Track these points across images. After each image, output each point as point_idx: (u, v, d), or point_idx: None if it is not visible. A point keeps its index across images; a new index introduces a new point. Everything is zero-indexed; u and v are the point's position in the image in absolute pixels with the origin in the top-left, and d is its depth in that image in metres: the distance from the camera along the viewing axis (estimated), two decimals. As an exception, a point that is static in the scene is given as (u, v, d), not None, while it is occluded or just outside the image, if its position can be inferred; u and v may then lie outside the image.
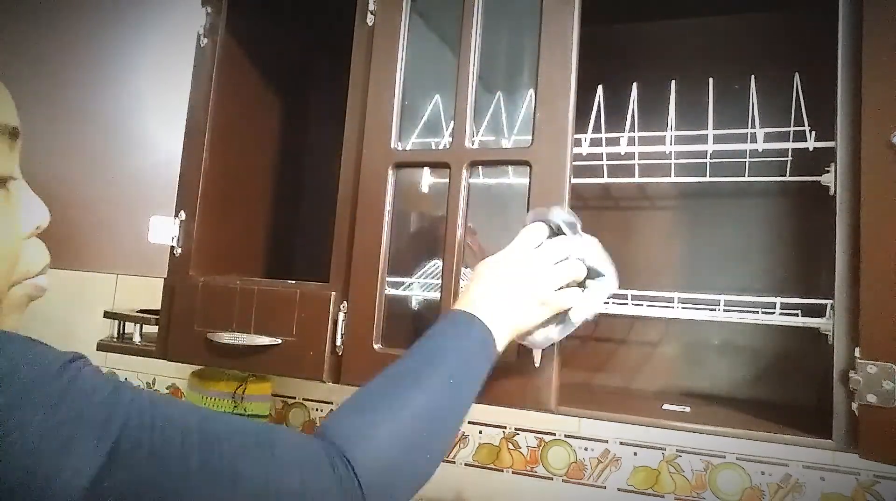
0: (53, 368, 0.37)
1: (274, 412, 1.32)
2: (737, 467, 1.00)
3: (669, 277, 1.02)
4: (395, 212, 0.87)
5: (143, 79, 1.60)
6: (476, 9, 0.84)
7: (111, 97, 1.61)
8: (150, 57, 1.60)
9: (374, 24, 0.89)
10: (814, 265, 0.94)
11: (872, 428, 0.64)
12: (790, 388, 0.94)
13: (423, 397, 0.56)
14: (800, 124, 0.82)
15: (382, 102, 0.87)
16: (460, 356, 0.61)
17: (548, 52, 0.78)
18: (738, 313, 0.82)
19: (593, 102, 0.91)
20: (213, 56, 1.02)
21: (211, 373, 1.18)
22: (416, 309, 1.01)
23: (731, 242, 0.99)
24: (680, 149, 0.87)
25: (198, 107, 1.02)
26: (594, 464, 1.08)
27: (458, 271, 0.80)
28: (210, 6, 1.04)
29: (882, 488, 0.93)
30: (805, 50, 0.95)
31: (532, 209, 0.75)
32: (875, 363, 0.64)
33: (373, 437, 0.52)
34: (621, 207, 1.06)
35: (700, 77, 0.92)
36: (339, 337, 0.86)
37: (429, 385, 0.57)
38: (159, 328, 1.00)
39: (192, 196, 1.01)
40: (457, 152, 0.83)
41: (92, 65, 1.65)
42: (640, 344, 1.03)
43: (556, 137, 0.77)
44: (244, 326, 0.91)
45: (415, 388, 0.56)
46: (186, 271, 0.99)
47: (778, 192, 0.97)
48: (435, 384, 0.57)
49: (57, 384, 0.37)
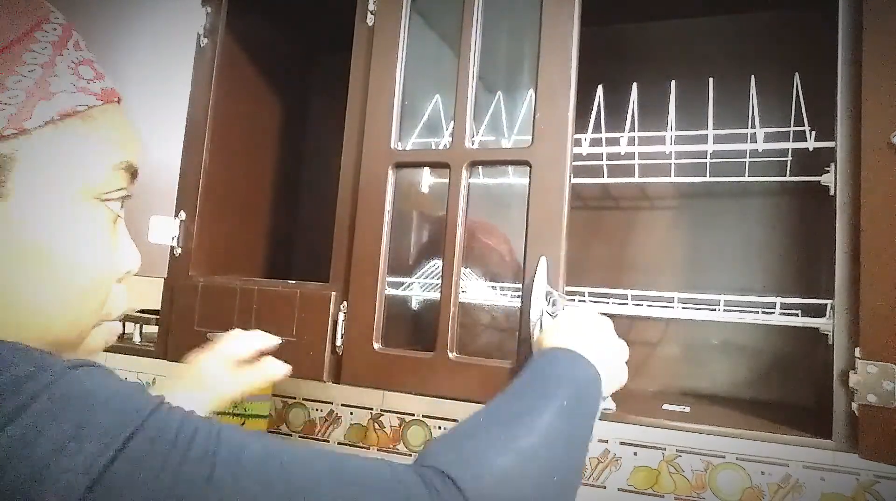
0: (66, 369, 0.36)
1: (274, 412, 1.33)
2: (737, 467, 1.00)
3: (669, 277, 1.01)
4: (395, 212, 0.87)
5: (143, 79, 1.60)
6: (476, 9, 0.84)
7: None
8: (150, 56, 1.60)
9: (374, 24, 0.89)
10: (814, 265, 0.93)
11: (872, 428, 0.64)
12: (790, 388, 0.94)
13: (545, 419, 0.48)
14: (800, 124, 0.82)
15: (382, 102, 0.87)
16: (574, 382, 0.54)
17: (548, 53, 0.78)
18: (738, 313, 0.82)
19: (593, 102, 0.91)
20: (213, 56, 1.02)
21: (211, 373, 1.18)
22: (416, 309, 1.01)
23: (731, 242, 0.99)
24: (680, 149, 0.87)
25: (198, 107, 1.02)
26: (594, 464, 1.08)
27: (458, 271, 0.80)
28: (210, 6, 1.04)
29: (882, 488, 0.93)
30: (805, 50, 0.95)
31: None
32: (875, 363, 0.64)
33: (486, 455, 0.44)
34: (621, 207, 1.06)
35: (700, 77, 0.92)
36: (339, 337, 0.86)
37: (549, 408, 0.49)
38: (159, 328, 1.00)
39: (192, 196, 1.01)
40: (457, 152, 0.83)
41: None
42: (640, 344, 1.03)
43: (556, 137, 0.77)
44: (244, 326, 0.91)
45: (532, 410, 0.49)
46: (186, 271, 0.99)
47: (778, 192, 0.97)
48: (554, 407, 0.50)
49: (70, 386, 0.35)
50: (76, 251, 0.42)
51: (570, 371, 0.55)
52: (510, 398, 0.52)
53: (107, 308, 0.46)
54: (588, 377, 0.56)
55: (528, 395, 0.52)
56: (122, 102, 0.47)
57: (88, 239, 0.42)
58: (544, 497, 0.46)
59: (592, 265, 1.05)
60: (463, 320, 0.82)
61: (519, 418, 0.48)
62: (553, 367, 0.56)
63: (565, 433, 0.49)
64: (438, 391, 0.69)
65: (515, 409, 0.50)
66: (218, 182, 1.04)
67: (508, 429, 0.46)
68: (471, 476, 0.42)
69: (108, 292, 0.45)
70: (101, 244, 0.44)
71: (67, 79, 0.41)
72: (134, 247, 0.49)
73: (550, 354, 0.58)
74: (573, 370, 0.56)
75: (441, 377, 0.78)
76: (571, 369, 0.56)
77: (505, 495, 0.43)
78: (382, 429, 1.22)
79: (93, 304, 0.44)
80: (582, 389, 0.54)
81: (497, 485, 0.43)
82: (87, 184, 0.42)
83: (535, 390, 0.52)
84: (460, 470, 0.42)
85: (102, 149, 0.43)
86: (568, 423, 0.50)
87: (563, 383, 0.53)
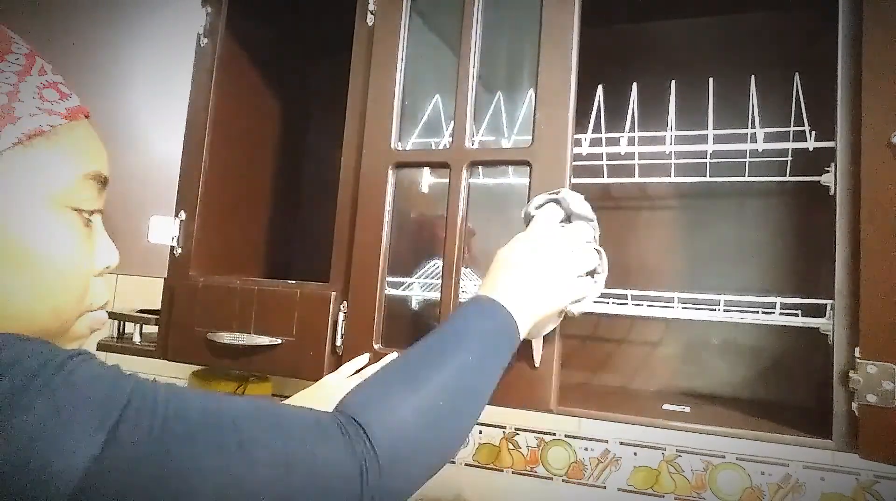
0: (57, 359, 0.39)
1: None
2: (737, 467, 1.00)
3: (669, 277, 1.01)
4: (395, 212, 0.87)
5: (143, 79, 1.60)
6: (476, 9, 0.84)
7: (111, 97, 1.61)
8: (150, 57, 1.60)
9: (374, 24, 0.89)
10: (814, 265, 0.93)
11: (872, 428, 0.64)
12: (790, 388, 0.94)
13: (445, 374, 0.55)
14: (800, 124, 0.82)
15: (382, 102, 0.87)
16: (484, 338, 0.60)
17: (548, 53, 0.78)
18: (738, 313, 0.82)
19: (593, 102, 0.91)
20: (213, 56, 1.02)
21: (211, 373, 1.18)
22: (416, 309, 1.01)
23: (732, 242, 0.99)
24: (680, 149, 0.87)
25: (198, 107, 1.02)
26: (594, 464, 1.08)
27: (458, 271, 0.80)
28: (210, 6, 1.04)
29: (882, 488, 0.93)
30: (805, 50, 0.95)
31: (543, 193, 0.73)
32: (875, 363, 0.64)
33: (390, 407, 0.51)
34: (621, 207, 1.06)
35: (700, 77, 0.92)
36: (339, 337, 0.86)
37: (451, 364, 0.56)
38: (159, 328, 1.00)
39: (192, 196, 1.01)
40: (457, 152, 0.83)
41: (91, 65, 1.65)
42: (640, 344, 1.03)
43: (556, 137, 0.77)
44: (244, 326, 0.91)
45: (437, 365, 0.55)
46: (186, 271, 0.99)
47: (778, 192, 0.97)
48: (457, 362, 0.56)
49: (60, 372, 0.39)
50: (51, 251, 0.47)
51: (480, 325, 0.61)
52: (422, 350, 0.59)
53: (88, 300, 0.52)
54: (498, 329, 0.61)
55: (436, 349, 0.58)
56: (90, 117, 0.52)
57: (61, 240, 0.48)
58: (439, 442, 0.54)
59: (592, 265, 1.05)
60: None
61: (426, 371, 0.55)
62: (467, 321, 0.61)
63: (465, 386, 0.56)
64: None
65: (424, 361, 0.57)
66: (218, 182, 1.04)
67: (414, 382, 0.54)
68: (375, 422, 0.49)
69: (87, 286, 0.51)
70: (75, 244, 0.49)
71: (32, 103, 0.47)
72: (112, 245, 0.54)
73: (470, 305, 0.63)
74: (483, 323, 0.61)
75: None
76: (482, 322, 0.61)
77: (403, 439, 0.50)
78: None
79: (71, 297, 0.50)
80: (489, 344, 0.60)
81: (397, 430, 0.50)
82: (56, 193, 0.48)
83: (445, 344, 0.58)
84: (367, 417, 0.50)
85: (69, 162, 0.49)
86: (470, 377, 0.57)
87: (471, 337, 0.59)
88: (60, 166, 0.48)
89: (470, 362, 0.57)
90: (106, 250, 0.53)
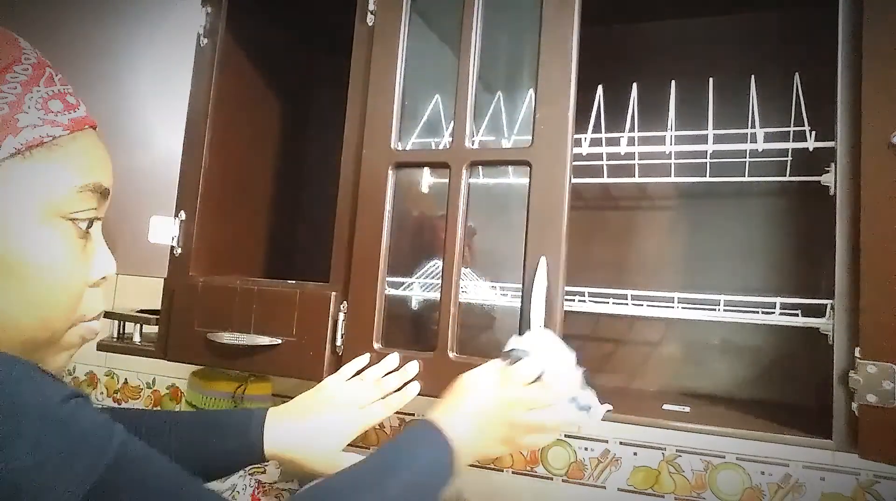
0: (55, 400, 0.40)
1: (274, 412, 1.32)
2: (737, 467, 1.00)
3: (669, 277, 1.01)
4: (395, 212, 0.87)
5: (143, 79, 1.60)
6: (476, 9, 0.84)
7: (111, 97, 1.61)
8: (150, 57, 1.60)
9: (374, 24, 0.89)
10: (814, 265, 0.93)
11: (872, 428, 0.64)
12: (790, 388, 0.94)
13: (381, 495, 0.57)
14: (800, 124, 0.82)
15: (382, 102, 0.87)
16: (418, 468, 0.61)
17: (548, 53, 0.78)
18: (738, 313, 0.82)
19: (593, 102, 0.91)
20: (213, 56, 1.02)
21: (211, 373, 1.18)
22: (416, 309, 1.01)
23: (731, 242, 0.99)
24: (680, 149, 0.87)
25: (198, 107, 1.02)
26: (594, 464, 1.08)
27: (458, 271, 0.80)
28: (210, 6, 1.04)
29: (882, 488, 0.93)
30: (805, 50, 0.95)
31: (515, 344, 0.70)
32: (875, 363, 0.64)
33: None
34: (621, 207, 1.06)
35: (700, 77, 0.92)
36: (339, 337, 0.86)
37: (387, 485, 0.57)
38: (159, 328, 1.00)
39: (192, 196, 1.01)
40: (457, 152, 0.83)
41: (92, 65, 1.65)
42: (640, 344, 1.03)
43: (556, 137, 0.77)
44: (244, 326, 0.91)
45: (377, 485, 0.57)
46: (186, 271, 0.99)
47: (778, 192, 0.97)
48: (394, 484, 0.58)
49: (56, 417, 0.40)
50: (41, 262, 0.47)
51: (415, 454, 0.62)
52: (367, 468, 0.60)
53: (81, 310, 0.51)
54: (434, 459, 0.62)
55: (377, 469, 0.60)
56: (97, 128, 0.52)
57: (54, 252, 0.48)
58: None
59: (592, 265, 1.05)
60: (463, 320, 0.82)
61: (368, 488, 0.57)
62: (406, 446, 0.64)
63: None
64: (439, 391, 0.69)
65: (367, 481, 0.58)
66: (218, 182, 1.04)
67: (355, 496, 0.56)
68: None
69: (80, 297, 0.50)
70: (68, 255, 0.49)
71: (35, 114, 0.47)
72: (109, 254, 0.54)
73: (412, 432, 0.65)
74: (420, 453, 0.62)
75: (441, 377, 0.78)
76: (417, 451, 0.63)
77: None
78: (382, 428, 1.22)
79: (62, 307, 0.49)
80: (423, 473, 0.61)
81: None
82: (51, 204, 0.47)
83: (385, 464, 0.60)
84: None
85: (68, 173, 0.48)
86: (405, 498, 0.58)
87: (407, 465, 0.61)
88: (58, 177, 0.47)
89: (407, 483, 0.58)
90: (103, 260, 0.53)
